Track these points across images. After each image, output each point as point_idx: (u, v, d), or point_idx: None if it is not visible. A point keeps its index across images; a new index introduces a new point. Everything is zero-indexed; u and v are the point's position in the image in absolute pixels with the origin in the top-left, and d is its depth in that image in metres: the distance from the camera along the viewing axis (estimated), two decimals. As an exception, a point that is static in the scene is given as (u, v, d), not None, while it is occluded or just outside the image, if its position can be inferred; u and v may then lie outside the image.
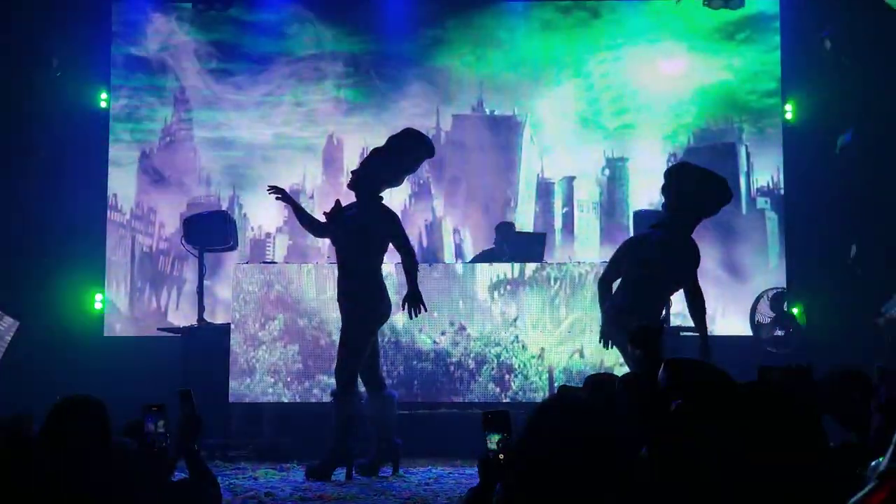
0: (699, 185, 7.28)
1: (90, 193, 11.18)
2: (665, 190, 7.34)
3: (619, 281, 7.32)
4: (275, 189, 7.82)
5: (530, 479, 2.70)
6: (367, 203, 7.64)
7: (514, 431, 3.14)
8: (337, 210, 7.70)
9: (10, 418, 4.22)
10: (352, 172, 7.88)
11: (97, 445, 3.76)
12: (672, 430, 2.74)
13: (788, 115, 11.14)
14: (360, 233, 7.55)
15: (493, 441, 3.17)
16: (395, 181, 7.86)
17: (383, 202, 7.76)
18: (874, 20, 10.36)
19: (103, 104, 11.38)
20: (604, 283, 7.40)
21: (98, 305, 11.19)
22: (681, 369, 3.03)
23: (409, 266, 7.50)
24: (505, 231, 10.29)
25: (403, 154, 7.71)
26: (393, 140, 7.76)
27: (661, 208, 7.56)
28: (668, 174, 7.40)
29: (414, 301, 7.45)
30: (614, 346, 7.33)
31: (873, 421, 2.97)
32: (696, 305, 7.17)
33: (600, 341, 7.38)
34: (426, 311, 7.59)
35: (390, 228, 7.58)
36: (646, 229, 7.66)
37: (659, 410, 2.89)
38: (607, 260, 7.70)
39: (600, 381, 4.06)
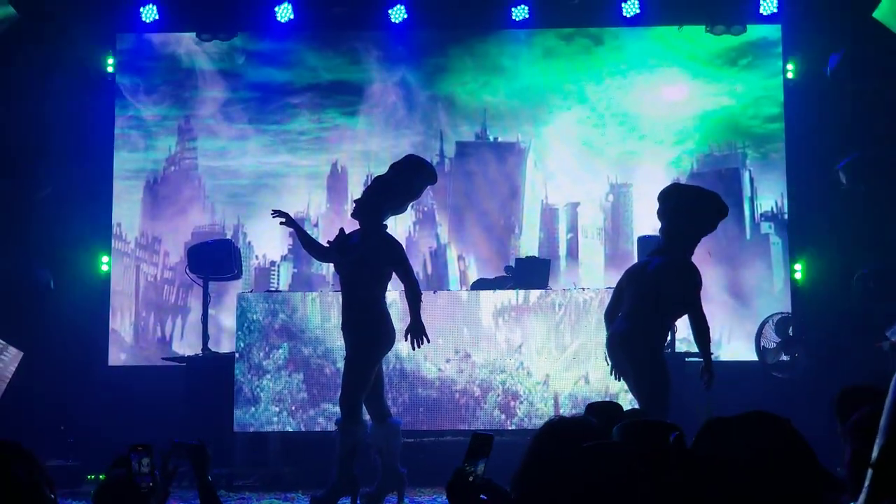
0: (693, 203, 7.26)
1: (95, 223, 11.19)
2: (661, 213, 7.32)
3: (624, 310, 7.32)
4: (279, 213, 7.82)
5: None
6: (371, 231, 7.63)
7: (511, 460, 3.10)
8: (341, 238, 7.70)
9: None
10: (355, 201, 7.88)
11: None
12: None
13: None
14: (363, 261, 7.54)
15: (471, 462, 3.06)
16: (398, 208, 7.86)
17: (387, 230, 7.77)
18: (876, 45, 10.39)
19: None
20: (608, 314, 7.40)
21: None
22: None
23: (412, 296, 7.47)
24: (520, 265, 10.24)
25: (406, 181, 7.71)
26: (395, 167, 7.77)
27: (659, 233, 7.54)
28: (662, 197, 7.37)
29: (416, 332, 7.42)
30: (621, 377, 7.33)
31: (847, 449, 2.92)
32: (700, 331, 7.14)
33: (611, 373, 7.36)
34: (429, 342, 7.55)
35: (393, 257, 7.57)
36: (646, 257, 7.65)
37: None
38: (611, 286, 7.68)
39: (600, 408, 4.06)
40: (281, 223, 7.86)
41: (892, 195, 10.50)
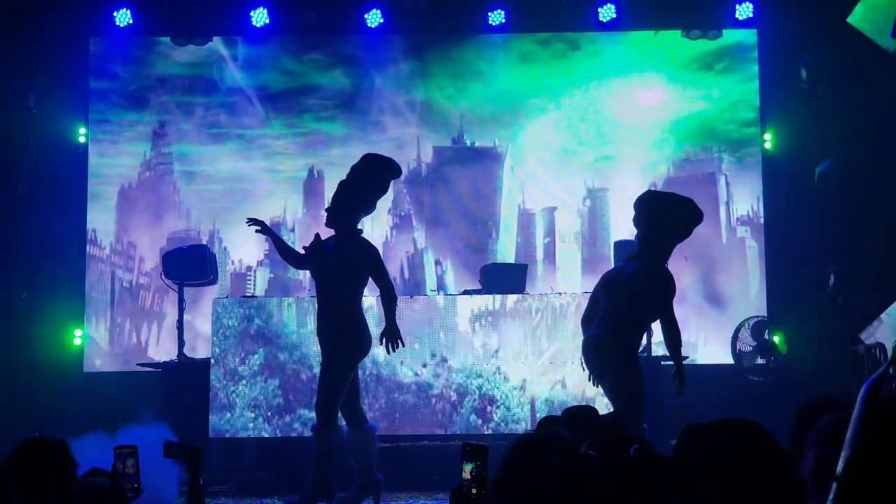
0: (668, 209, 7.30)
1: (69, 229, 11.13)
2: (636, 220, 7.36)
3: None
4: (254, 221, 7.80)
5: None
6: (346, 237, 7.63)
7: (489, 466, 3.09)
8: (316, 244, 7.69)
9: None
10: (326, 210, 7.86)
11: (59, 488, 3.74)
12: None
13: (768, 145, 11.19)
14: (339, 267, 7.53)
15: (466, 471, 3.09)
16: (368, 209, 7.83)
17: (362, 235, 7.76)
18: (850, 50, 10.43)
19: (81, 139, 11.31)
20: (584, 320, 7.42)
21: (77, 341, 11.07)
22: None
23: (388, 300, 7.47)
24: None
25: (371, 181, 7.70)
26: (357, 169, 7.75)
27: (635, 239, 7.57)
28: (638, 204, 7.41)
29: (391, 336, 7.42)
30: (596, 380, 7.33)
31: (808, 457, 2.92)
32: (671, 336, 7.18)
33: (588, 379, 7.37)
34: (403, 346, 7.55)
35: (369, 262, 7.56)
36: (621, 262, 7.68)
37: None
38: (588, 291, 7.69)
39: (577, 413, 4.06)
40: (256, 231, 7.85)
41: (868, 198, 10.54)
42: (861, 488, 1.92)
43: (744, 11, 11.11)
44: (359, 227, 7.78)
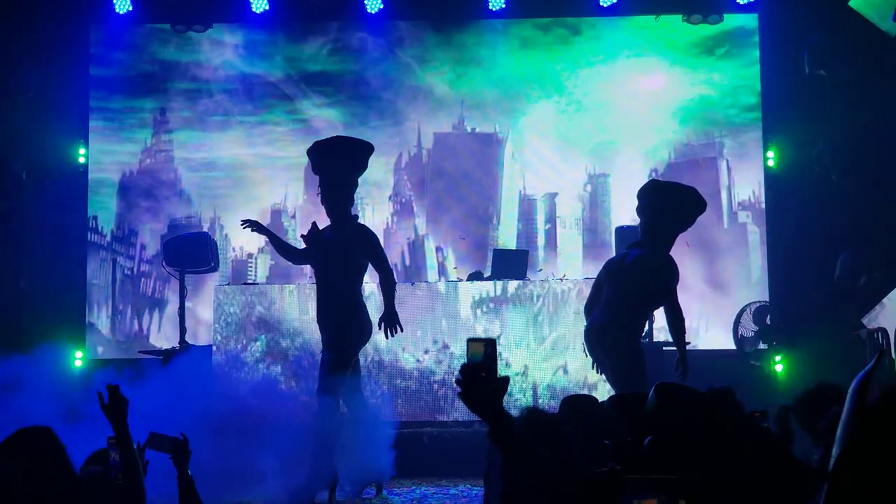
0: (672, 199, 7.32)
1: (70, 216, 11.11)
2: (640, 209, 7.38)
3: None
4: (249, 222, 7.77)
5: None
6: (343, 223, 7.62)
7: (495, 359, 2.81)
8: (314, 232, 7.67)
9: None
10: (323, 204, 7.81)
11: (50, 472, 3.73)
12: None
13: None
14: (338, 253, 7.52)
15: (477, 355, 2.73)
16: (352, 189, 7.79)
17: (359, 221, 7.75)
18: (852, 34, 10.40)
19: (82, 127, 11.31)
20: (588, 307, 7.44)
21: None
22: (671, 395, 3.00)
23: (387, 285, 7.46)
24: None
25: (346, 165, 7.68)
26: (333, 155, 7.68)
27: (638, 228, 7.58)
28: (641, 193, 7.45)
29: (390, 321, 7.41)
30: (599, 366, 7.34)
31: (820, 449, 2.92)
32: (675, 323, 7.20)
33: (593, 367, 7.38)
34: (402, 331, 7.54)
35: (368, 248, 7.56)
36: (624, 249, 7.69)
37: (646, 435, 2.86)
38: (590, 276, 7.69)
39: (577, 402, 4.06)
40: (252, 231, 7.81)
41: (869, 183, 10.52)
42: (850, 486, 1.90)
43: (744, -5, 11.10)
44: (356, 213, 7.77)
